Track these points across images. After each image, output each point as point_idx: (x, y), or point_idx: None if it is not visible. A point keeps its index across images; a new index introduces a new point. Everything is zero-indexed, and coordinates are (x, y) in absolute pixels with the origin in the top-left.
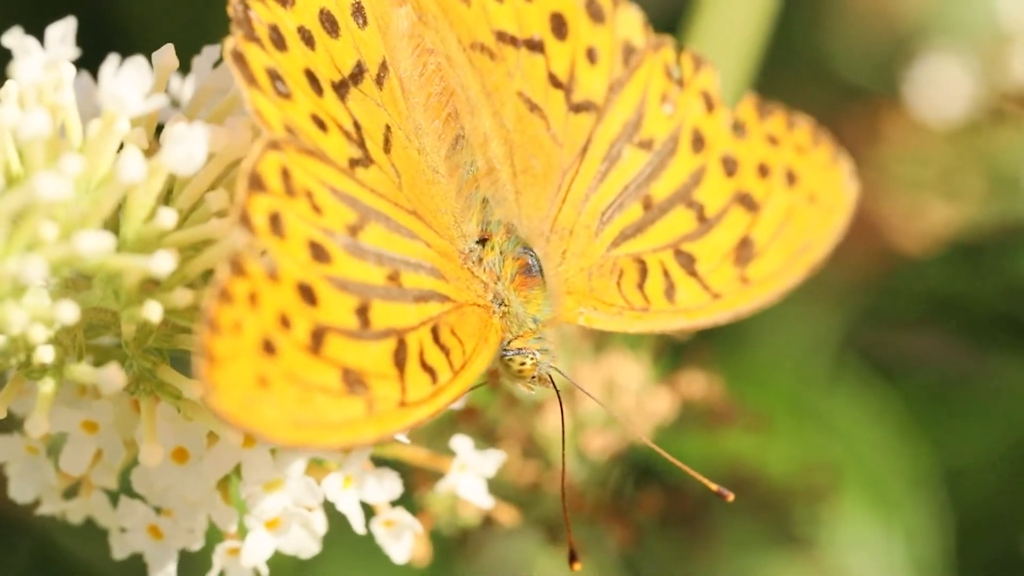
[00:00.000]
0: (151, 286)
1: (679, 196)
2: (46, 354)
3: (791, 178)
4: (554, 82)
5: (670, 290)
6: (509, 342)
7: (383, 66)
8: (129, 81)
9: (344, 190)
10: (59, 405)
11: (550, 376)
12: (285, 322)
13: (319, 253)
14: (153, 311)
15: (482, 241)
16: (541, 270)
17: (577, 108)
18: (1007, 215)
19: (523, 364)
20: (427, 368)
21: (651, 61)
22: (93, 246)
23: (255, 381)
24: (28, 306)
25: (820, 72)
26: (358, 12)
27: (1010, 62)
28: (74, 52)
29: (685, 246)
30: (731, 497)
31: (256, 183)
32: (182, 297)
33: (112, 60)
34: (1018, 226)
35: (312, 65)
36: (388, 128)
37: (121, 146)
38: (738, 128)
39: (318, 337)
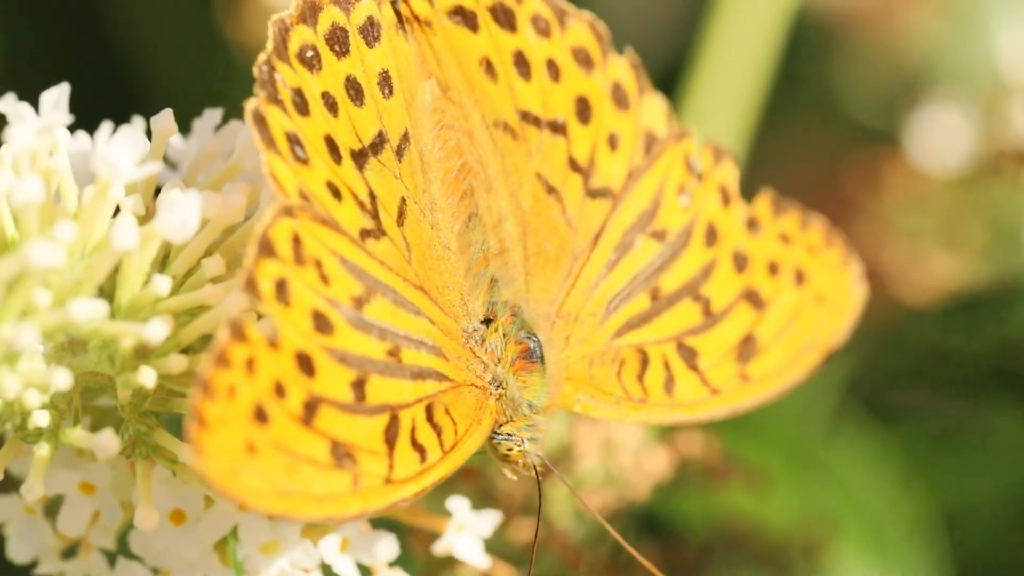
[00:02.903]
0: (146, 351)
1: (687, 289)
2: (41, 418)
3: (800, 277)
4: (573, 166)
5: (669, 383)
6: (501, 425)
7: (405, 137)
8: (122, 147)
9: (353, 261)
10: (56, 467)
11: (534, 467)
12: (280, 391)
13: (322, 324)
14: (147, 377)
15: (486, 321)
16: (542, 356)
17: (594, 194)
18: (1006, 268)
19: (510, 449)
20: (417, 446)
21: (672, 151)
22: (87, 313)
23: (243, 448)
24: (22, 372)
25: (826, 111)
26: (385, 82)
27: (1010, 114)
28: (67, 118)
29: (688, 340)
30: None
31: (266, 248)
32: (177, 363)
33: (106, 126)
34: (1016, 280)
35: (333, 132)
36: (403, 201)
37: (117, 210)
38: (752, 224)
39: (311, 408)
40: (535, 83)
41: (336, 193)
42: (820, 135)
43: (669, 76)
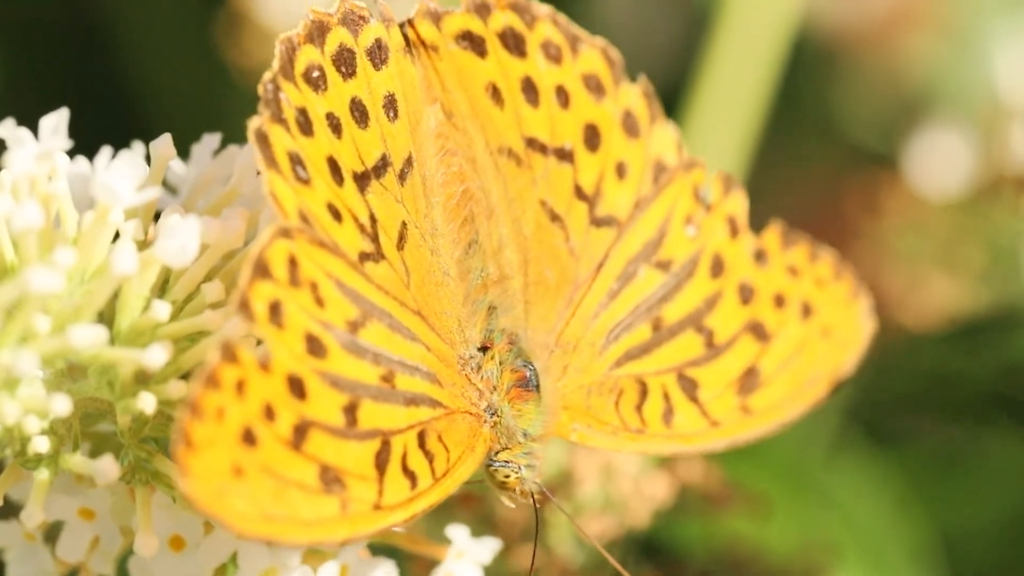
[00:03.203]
0: (146, 377)
1: (690, 320)
2: (41, 444)
3: (807, 310)
4: (579, 194)
5: (668, 414)
6: (497, 452)
7: (408, 162)
8: (121, 173)
9: (350, 284)
10: (56, 492)
11: (532, 495)
12: (270, 413)
13: (315, 347)
14: (147, 403)
15: (483, 348)
16: (538, 385)
17: (599, 222)
18: (1005, 292)
19: (507, 476)
20: (408, 472)
21: (681, 181)
22: (86, 339)
23: (230, 470)
24: (22, 398)
25: (827, 132)
26: (390, 105)
27: (1009, 138)
28: (67, 143)
29: (689, 371)
30: None
31: (261, 270)
32: (176, 389)
33: (105, 151)
34: (1014, 305)
35: (336, 153)
36: (404, 225)
37: (117, 236)
38: (760, 256)
39: (301, 432)
40: (543, 109)
41: (336, 215)
42: (820, 157)
43: (669, 97)
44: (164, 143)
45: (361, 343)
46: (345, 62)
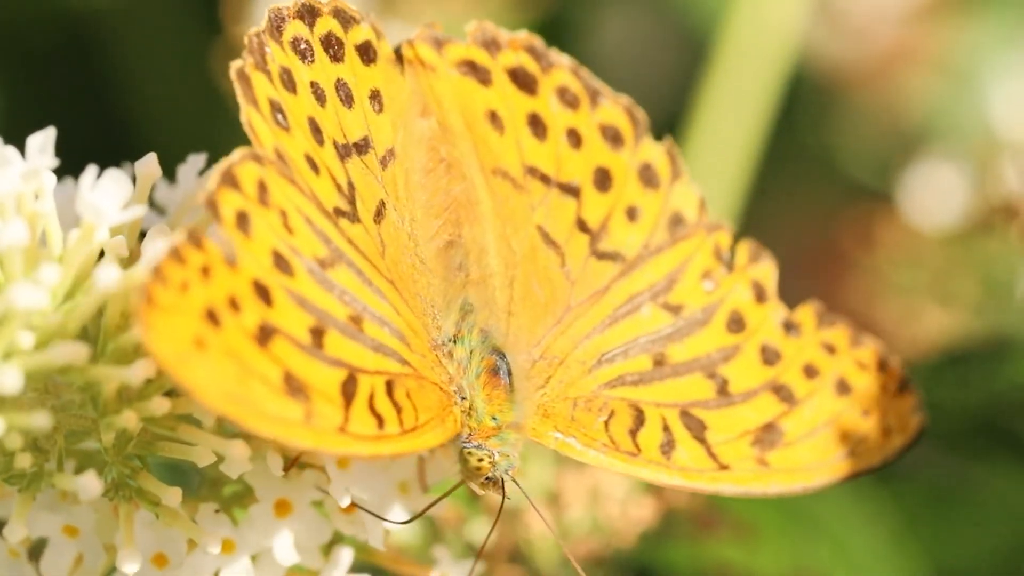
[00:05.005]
0: (129, 394)
1: (699, 364)
2: (24, 461)
3: (843, 387)
4: (582, 227)
5: (667, 446)
6: (469, 436)
7: (390, 152)
8: (107, 191)
9: (321, 227)
10: (40, 509)
11: (502, 481)
12: (235, 305)
13: (283, 265)
14: (129, 420)
15: (455, 339)
16: (510, 375)
17: (601, 255)
18: (998, 323)
19: (480, 461)
20: (375, 413)
21: (701, 237)
22: (69, 355)
23: (192, 340)
24: (4, 415)
25: (824, 167)
26: (375, 98)
27: (1003, 171)
28: (54, 161)
29: (696, 411)
30: None
31: (230, 180)
32: (159, 405)
33: (91, 170)
34: (1006, 336)
35: (318, 118)
36: (383, 203)
37: (102, 254)
38: (791, 327)
39: (266, 333)
40: (549, 145)
41: (314, 167)
42: (816, 192)
43: (667, 129)
44: (149, 162)
45: (330, 279)
46: (333, 47)
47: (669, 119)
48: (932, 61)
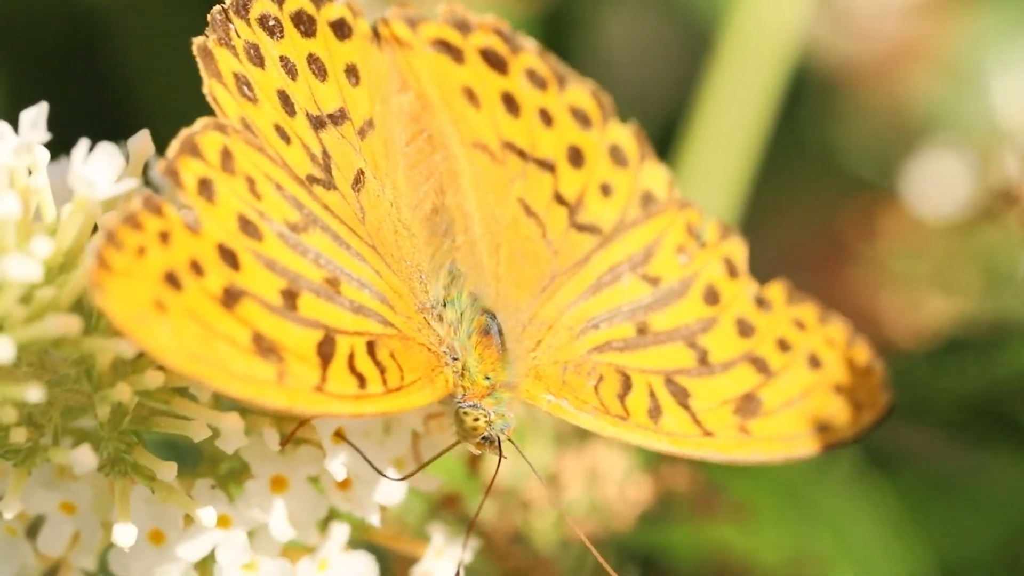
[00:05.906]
0: (123, 367)
1: (680, 334)
2: (19, 435)
3: (815, 362)
4: (559, 200)
5: (655, 411)
6: (463, 396)
7: (369, 123)
8: (99, 165)
9: (292, 193)
10: (37, 487)
11: (498, 440)
12: (197, 269)
13: (250, 230)
14: (124, 393)
15: (444, 301)
16: (501, 335)
17: (580, 227)
18: (1000, 312)
19: (476, 420)
20: (356, 373)
21: (672, 214)
22: (62, 327)
23: (151, 303)
24: None
25: (826, 163)
26: (352, 72)
27: (1004, 160)
28: (46, 136)
29: (679, 379)
30: None
31: (191, 149)
32: (153, 378)
33: (83, 144)
34: (1006, 322)
35: (289, 90)
36: (361, 172)
37: (95, 229)
38: (763, 303)
39: (233, 296)
40: (523, 122)
41: (285, 137)
42: (819, 188)
43: (670, 126)
44: (141, 138)
45: (303, 242)
46: (304, 23)
47: (673, 114)
48: (934, 57)
